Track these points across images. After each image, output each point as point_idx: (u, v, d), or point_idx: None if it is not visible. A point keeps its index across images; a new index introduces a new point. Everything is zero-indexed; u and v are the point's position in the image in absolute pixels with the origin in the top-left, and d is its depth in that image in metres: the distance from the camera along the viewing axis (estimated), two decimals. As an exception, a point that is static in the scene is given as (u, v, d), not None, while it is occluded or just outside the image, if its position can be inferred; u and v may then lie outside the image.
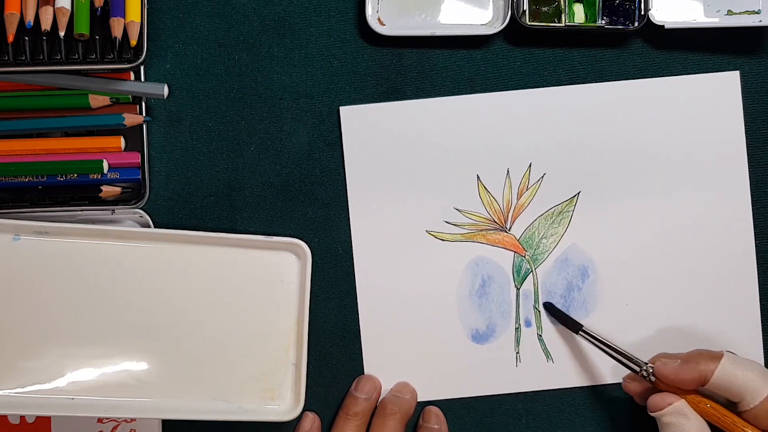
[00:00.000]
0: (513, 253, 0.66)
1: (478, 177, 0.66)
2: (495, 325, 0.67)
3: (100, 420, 0.65)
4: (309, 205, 0.67)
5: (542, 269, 0.67)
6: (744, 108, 0.66)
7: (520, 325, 0.67)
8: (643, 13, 0.65)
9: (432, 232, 0.66)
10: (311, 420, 0.65)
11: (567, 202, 0.66)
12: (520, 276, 0.67)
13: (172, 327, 0.63)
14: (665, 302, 0.66)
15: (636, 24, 0.65)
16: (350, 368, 0.67)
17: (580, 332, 0.63)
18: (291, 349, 0.63)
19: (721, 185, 0.66)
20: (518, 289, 0.67)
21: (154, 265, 0.63)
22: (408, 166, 0.66)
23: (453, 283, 0.66)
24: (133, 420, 0.65)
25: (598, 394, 0.67)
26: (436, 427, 0.65)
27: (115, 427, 0.65)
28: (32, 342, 0.61)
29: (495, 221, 0.66)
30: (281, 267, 0.64)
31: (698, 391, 0.60)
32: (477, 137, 0.66)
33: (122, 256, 0.62)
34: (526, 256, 0.67)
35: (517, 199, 0.66)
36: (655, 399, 0.59)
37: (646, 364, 0.61)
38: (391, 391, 0.66)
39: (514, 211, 0.66)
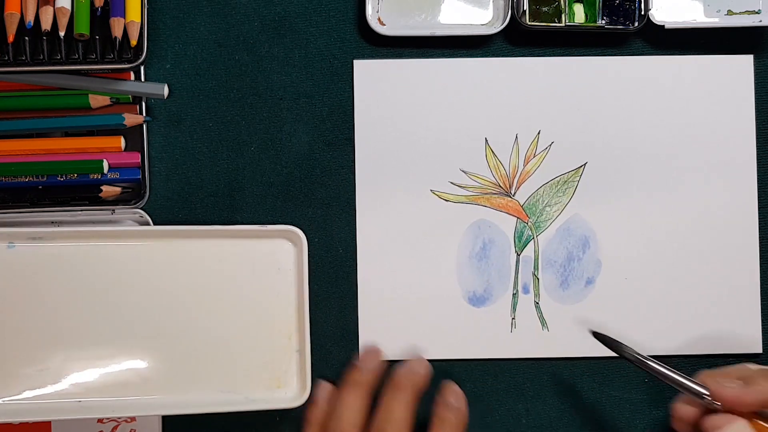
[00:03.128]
0: (516, 218, 0.67)
1: (487, 140, 0.66)
2: (492, 289, 0.67)
3: (100, 420, 0.65)
4: (309, 205, 0.67)
5: (544, 237, 0.67)
6: (744, 107, 0.67)
7: (517, 290, 0.67)
8: (643, 13, 0.65)
9: (436, 192, 0.66)
10: (324, 388, 0.64)
11: (573, 172, 0.66)
12: (521, 242, 0.67)
13: (174, 323, 0.62)
14: (664, 278, 0.66)
15: (636, 24, 0.65)
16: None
17: (633, 357, 0.60)
18: (293, 336, 0.63)
19: (727, 166, 0.66)
20: (518, 255, 0.67)
21: (151, 262, 0.63)
22: (417, 124, 0.66)
23: (453, 244, 0.66)
24: (133, 420, 0.65)
25: (602, 397, 0.67)
26: (456, 405, 0.63)
27: (115, 427, 0.65)
28: (36, 348, 0.61)
29: (500, 185, 0.66)
30: (278, 255, 0.64)
31: (757, 413, 0.58)
32: (488, 100, 0.66)
33: (119, 256, 0.62)
34: (529, 223, 0.67)
35: (524, 165, 0.66)
36: (715, 419, 0.57)
37: (706, 388, 0.58)
38: (405, 365, 0.64)
39: (519, 176, 0.66)
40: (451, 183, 0.66)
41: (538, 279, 0.67)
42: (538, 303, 0.67)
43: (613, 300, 0.66)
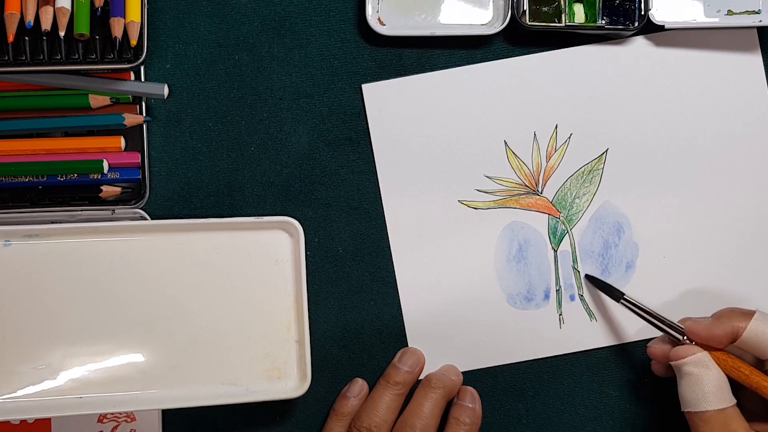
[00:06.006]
0: (547, 215, 0.67)
1: (506, 142, 0.66)
2: (536, 289, 0.67)
3: (100, 420, 0.65)
4: (309, 205, 0.67)
5: (578, 229, 0.67)
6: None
7: (560, 286, 0.67)
8: (643, 13, 0.65)
9: (464, 202, 0.66)
10: (360, 385, 0.66)
11: (596, 160, 0.67)
12: (556, 238, 0.67)
13: (173, 316, 0.63)
14: (702, 252, 0.67)
15: (636, 24, 0.65)
16: (350, 368, 0.67)
17: (622, 300, 0.63)
18: (292, 327, 0.63)
19: (747, 139, 0.67)
20: (555, 251, 0.67)
21: (149, 257, 0.63)
22: (434, 138, 0.66)
23: (490, 250, 0.67)
24: (133, 420, 0.65)
25: (602, 396, 0.67)
26: (470, 405, 0.65)
27: (115, 427, 0.65)
28: (35, 345, 0.61)
29: (526, 185, 0.66)
30: (275, 246, 0.64)
31: (727, 351, 0.60)
32: (501, 103, 0.66)
33: (116, 251, 0.62)
34: (561, 218, 0.67)
35: (547, 162, 0.66)
36: (679, 349, 0.60)
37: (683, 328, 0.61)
38: (439, 369, 0.66)
39: (544, 173, 0.67)
40: (478, 190, 0.66)
41: (578, 272, 0.67)
42: (582, 295, 0.67)
43: (655, 280, 0.67)
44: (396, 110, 0.66)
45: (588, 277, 0.66)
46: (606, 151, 0.67)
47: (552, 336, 0.67)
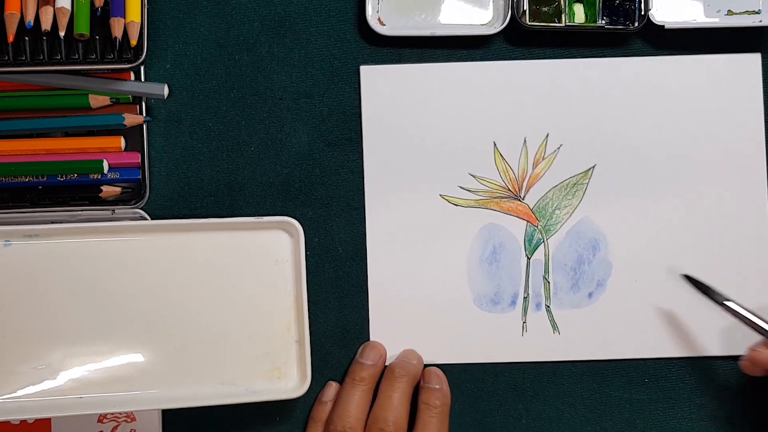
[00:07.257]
0: (525, 222, 0.67)
1: (495, 144, 0.66)
2: (503, 293, 0.67)
3: (100, 420, 0.65)
4: (309, 205, 0.67)
5: (554, 240, 0.67)
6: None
7: (528, 294, 0.67)
8: (643, 13, 0.65)
9: (445, 197, 0.66)
10: (335, 389, 0.66)
11: (582, 175, 0.66)
12: (531, 245, 0.67)
13: (174, 316, 0.63)
14: (674, 280, 0.66)
15: (636, 24, 0.65)
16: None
17: (725, 302, 0.62)
18: (292, 327, 0.63)
19: (737, 164, 0.66)
20: (529, 258, 0.67)
21: (149, 256, 0.63)
22: (425, 128, 0.66)
23: (464, 248, 0.66)
24: (133, 420, 0.65)
25: (602, 397, 0.67)
26: (437, 386, 0.65)
27: (115, 427, 0.65)
28: (36, 345, 0.61)
29: (509, 189, 0.66)
30: (275, 246, 0.64)
31: None
32: (496, 104, 0.66)
33: (115, 251, 0.62)
34: (539, 226, 0.67)
35: (533, 169, 0.66)
36: None
37: None
38: (398, 357, 0.66)
39: (528, 180, 0.66)
40: (461, 187, 0.66)
41: (549, 282, 0.67)
42: (549, 306, 0.67)
43: (623, 302, 0.66)
44: (391, 96, 0.66)
45: (686, 276, 0.65)
46: (593, 167, 0.66)
47: (513, 342, 0.66)
